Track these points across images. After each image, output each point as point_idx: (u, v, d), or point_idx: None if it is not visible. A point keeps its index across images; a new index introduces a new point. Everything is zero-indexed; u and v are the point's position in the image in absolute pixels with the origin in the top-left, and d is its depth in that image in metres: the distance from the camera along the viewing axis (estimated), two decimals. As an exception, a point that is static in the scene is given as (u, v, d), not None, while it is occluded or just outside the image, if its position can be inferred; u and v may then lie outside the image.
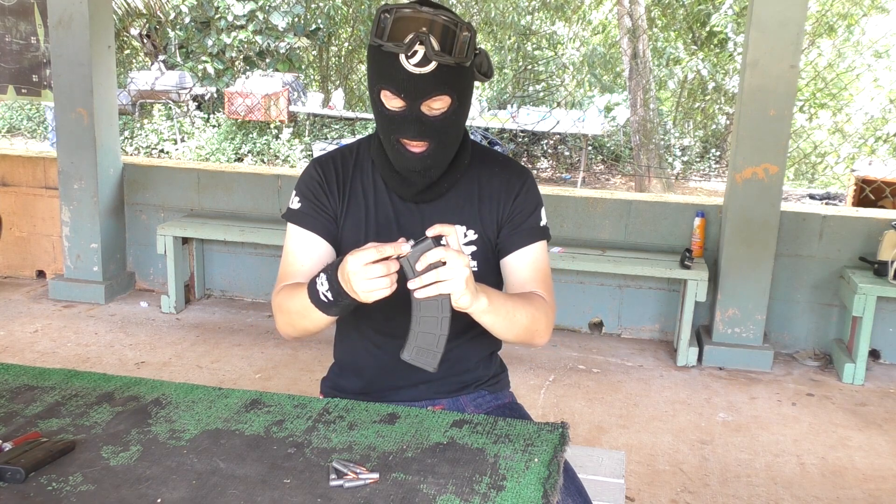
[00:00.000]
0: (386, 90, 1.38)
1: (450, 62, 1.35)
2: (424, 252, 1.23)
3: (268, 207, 4.39)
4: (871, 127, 8.90)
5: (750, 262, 3.74)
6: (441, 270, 1.23)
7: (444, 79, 1.36)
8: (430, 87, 1.36)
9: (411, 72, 1.34)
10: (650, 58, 9.73)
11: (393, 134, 1.42)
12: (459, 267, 1.24)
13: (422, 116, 1.39)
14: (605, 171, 10.67)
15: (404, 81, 1.35)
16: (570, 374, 3.67)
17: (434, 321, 1.27)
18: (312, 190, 1.55)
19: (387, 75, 1.36)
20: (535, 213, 1.57)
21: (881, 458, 2.99)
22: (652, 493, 2.66)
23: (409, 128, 1.39)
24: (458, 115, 1.43)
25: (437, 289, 1.24)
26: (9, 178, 4.70)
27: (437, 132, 1.41)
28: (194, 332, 4.05)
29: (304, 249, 1.53)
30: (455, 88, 1.39)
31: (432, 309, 1.26)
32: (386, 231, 1.53)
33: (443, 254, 1.23)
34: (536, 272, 1.55)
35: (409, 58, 1.34)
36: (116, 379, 1.56)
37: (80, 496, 1.15)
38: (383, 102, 1.40)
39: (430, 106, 1.38)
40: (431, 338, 1.28)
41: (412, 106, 1.37)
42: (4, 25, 4.53)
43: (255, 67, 10.74)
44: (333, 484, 1.19)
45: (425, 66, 1.34)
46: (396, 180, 1.50)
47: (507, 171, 1.57)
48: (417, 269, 1.23)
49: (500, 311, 1.38)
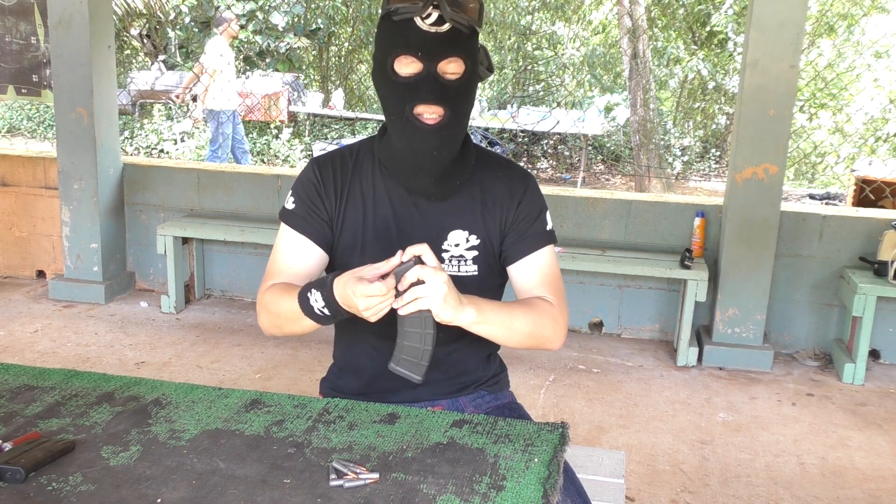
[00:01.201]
0: (402, 55, 1.40)
1: (464, 22, 1.38)
2: (404, 273, 1.28)
3: (268, 207, 4.39)
4: (871, 127, 8.90)
5: (750, 262, 3.74)
6: (418, 288, 1.27)
7: (458, 42, 1.40)
8: (446, 48, 1.39)
9: (427, 31, 1.37)
10: (650, 58, 9.72)
11: (408, 103, 1.42)
12: (436, 283, 1.27)
13: (438, 78, 1.40)
14: (605, 171, 10.67)
15: (420, 41, 1.38)
16: (570, 374, 3.67)
17: (418, 336, 1.31)
18: (308, 192, 1.54)
19: (402, 40, 1.39)
20: (540, 217, 1.56)
21: (881, 458, 2.99)
22: (652, 493, 2.66)
23: (426, 91, 1.40)
24: (470, 84, 1.45)
25: (416, 305, 1.28)
26: (9, 178, 4.70)
27: (453, 98, 1.42)
28: (194, 332, 4.05)
29: (293, 252, 1.53)
30: (468, 53, 1.42)
31: (415, 325, 1.31)
32: (385, 234, 1.52)
33: (419, 272, 1.27)
34: (544, 277, 1.55)
35: (424, 19, 1.37)
36: (116, 379, 1.56)
37: (80, 496, 1.15)
38: (397, 71, 1.41)
39: (445, 69, 1.40)
40: (416, 351, 1.32)
41: (428, 67, 1.39)
42: (4, 25, 4.53)
43: (255, 67, 10.74)
44: (333, 484, 1.19)
45: (440, 26, 1.38)
46: (406, 173, 1.49)
47: (509, 176, 1.57)
48: (399, 289, 1.29)
49: (494, 321, 1.39)
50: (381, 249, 1.52)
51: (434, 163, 1.46)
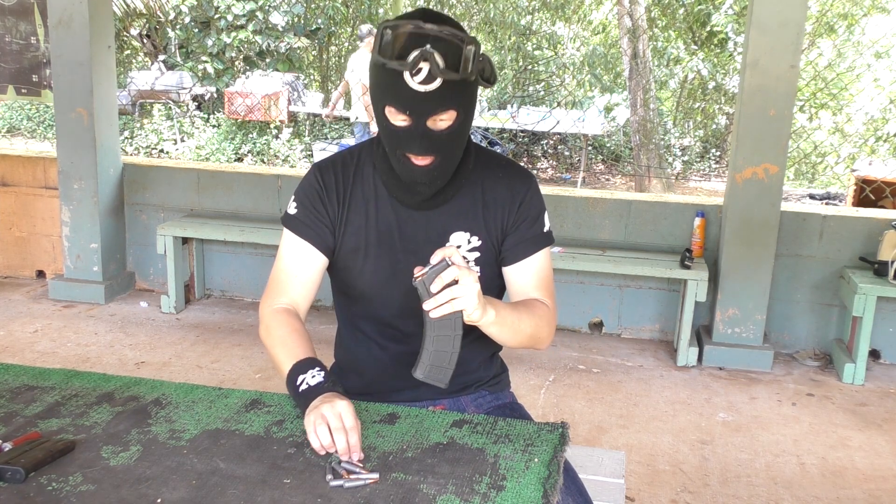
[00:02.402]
0: (391, 107, 1.37)
1: (455, 78, 1.33)
2: (440, 273, 1.27)
3: (268, 207, 4.39)
4: (871, 127, 8.90)
5: (750, 262, 3.74)
6: (455, 288, 1.27)
7: (450, 95, 1.34)
8: (436, 104, 1.35)
9: (416, 90, 1.32)
10: (650, 58, 9.72)
11: (398, 149, 1.41)
12: (471, 283, 1.28)
13: (427, 132, 1.38)
14: (605, 171, 10.67)
15: (409, 99, 1.34)
16: (570, 374, 3.67)
17: (447, 339, 1.30)
18: (310, 197, 1.54)
19: (391, 92, 1.35)
20: (539, 219, 1.56)
21: (881, 458, 2.99)
22: (652, 493, 2.66)
23: (415, 143, 1.39)
24: (463, 128, 1.42)
25: (451, 306, 1.28)
26: (9, 178, 4.70)
27: (443, 146, 1.41)
28: (194, 332, 4.05)
29: (298, 259, 1.54)
30: (461, 103, 1.37)
31: (446, 327, 1.30)
32: (387, 237, 1.52)
33: (456, 272, 1.27)
34: (540, 280, 1.56)
35: (413, 75, 1.31)
36: (116, 379, 1.56)
37: (80, 496, 1.15)
38: (388, 118, 1.39)
39: (436, 121, 1.37)
40: (444, 356, 1.31)
41: (417, 122, 1.36)
42: (4, 25, 4.53)
43: (255, 67, 10.74)
44: (333, 484, 1.19)
45: (430, 84, 1.32)
46: (401, 189, 1.50)
47: (510, 176, 1.57)
48: (432, 291, 1.27)
49: (507, 322, 1.41)
50: (383, 252, 1.52)
51: (428, 188, 1.47)
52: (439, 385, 1.33)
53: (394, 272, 1.52)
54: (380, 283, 1.53)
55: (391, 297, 1.53)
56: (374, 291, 1.55)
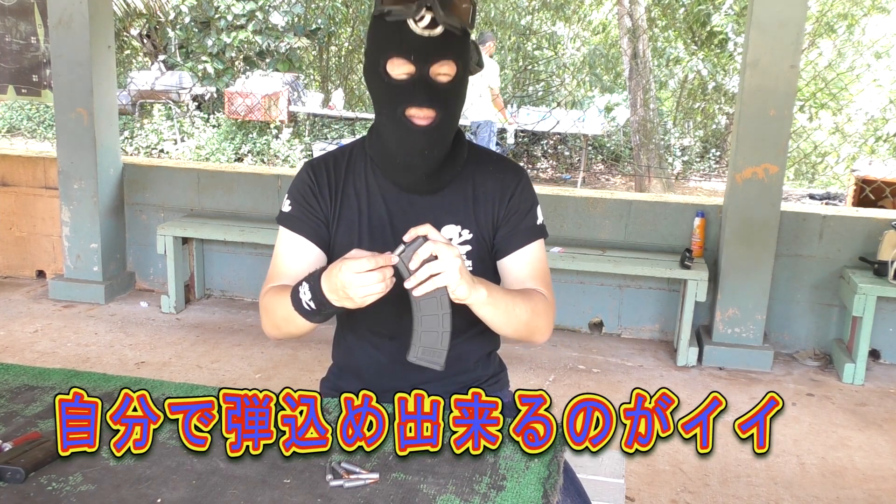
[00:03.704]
0: (394, 57, 1.39)
1: (456, 25, 1.38)
2: (416, 250, 1.25)
3: (268, 207, 4.39)
4: (871, 127, 8.90)
5: (750, 262, 3.74)
6: (433, 264, 1.25)
7: (451, 44, 1.40)
8: (439, 51, 1.38)
9: (420, 34, 1.37)
10: (650, 58, 9.72)
11: (400, 105, 1.42)
12: (451, 257, 1.26)
13: (430, 82, 1.40)
14: (605, 171, 10.67)
15: (413, 44, 1.37)
16: (570, 373, 3.67)
17: (435, 319, 1.28)
18: (304, 194, 1.55)
19: (395, 41, 1.39)
20: (532, 212, 1.57)
21: (881, 458, 2.99)
22: (652, 493, 2.66)
23: (418, 94, 1.40)
24: (462, 86, 1.45)
25: (433, 283, 1.26)
26: (9, 178, 4.70)
27: (445, 99, 1.42)
28: (194, 332, 4.05)
29: (293, 253, 1.54)
30: (460, 55, 1.42)
31: (432, 307, 1.27)
32: (380, 233, 1.53)
33: (433, 247, 1.25)
34: (535, 270, 1.56)
35: (417, 21, 1.36)
36: (116, 379, 1.56)
37: (80, 496, 1.15)
38: (389, 73, 1.41)
39: (438, 72, 1.40)
40: (435, 336, 1.29)
41: (421, 69, 1.39)
42: (4, 25, 4.53)
43: (255, 67, 10.74)
44: (333, 484, 1.19)
45: (433, 29, 1.37)
46: (397, 169, 1.50)
47: (501, 171, 1.57)
48: (411, 269, 1.25)
49: (500, 304, 1.39)
50: (376, 247, 1.53)
51: (425, 160, 1.47)
52: (435, 367, 1.31)
53: None
54: None
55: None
56: None
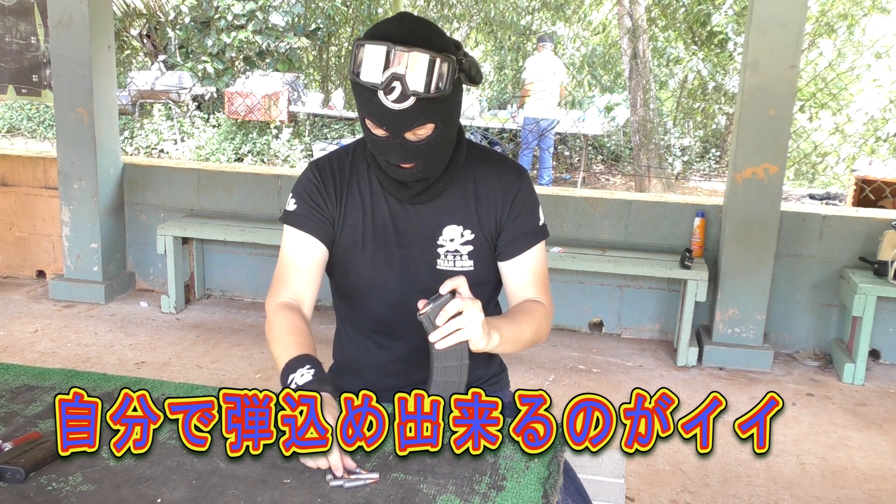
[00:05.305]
0: (369, 120, 1.39)
1: (430, 94, 1.32)
2: (443, 306, 1.28)
3: (268, 207, 4.39)
4: (871, 127, 8.89)
5: (750, 262, 3.74)
6: (459, 319, 1.28)
7: (425, 109, 1.34)
8: (412, 120, 1.35)
9: (390, 108, 1.33)
10: (650, 58, 9.72)
11: (381, 155, 1.44)
12: (475, 313, 1.29)
13: (406, 143, 1.39)
14: (605, 171, 10.66)
15: (384, 116, 1.34)
16: (570, 374, 3.67)
17: (454, 370, 1.32)
18: (309, 193, 1.55)
19: (368, 108, 1.36)
20: (535, 213, 1.57)
21: (881, 458, 2.99)
22: (652, 493, 2.66)
23: (396, 153, 1.40)
24: (444, 135, 1.42)
25: (456, 337, 1.28)
26: (9, 178, 4.70)
27: (425, 154, 1.41)
28: (194, 332, 4.05)
29: (300, 251, 1.53)
30: (438, 114, 1.37)
31: (452, 358, 1.31)
32: (382, 231, 1.53)
33: (460, 304, 1.28)
34: (536, 276, 1.57)
35: (386, 94, 1.31)
36: (116, 379, 1.56)
37: (80, 496, 1.15)
38: (369, 129, 1.41)
39: (415, 134, 1.38)
40: (452, 385, 1.32)
41: (395, 136, 1.37)
42: (4, 25, 4.53)
43: (255, 67, 10.73)
44: (333, 484, 1.19)
45: (404, 102, 1.32)
46: (392, 185, 1.51)
47: (503, 171, 1.57)
48: (437, 324, 1.28)
49: (510, 340, 1.41)
50: (378, 246, 1.53)
51: (416, 186, 1.49)
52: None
53: (388, 266, 1.53)
54: (375, 276, 1.54)
55: (385, 291, 1.54)
56: (370, 286, 1.55)
